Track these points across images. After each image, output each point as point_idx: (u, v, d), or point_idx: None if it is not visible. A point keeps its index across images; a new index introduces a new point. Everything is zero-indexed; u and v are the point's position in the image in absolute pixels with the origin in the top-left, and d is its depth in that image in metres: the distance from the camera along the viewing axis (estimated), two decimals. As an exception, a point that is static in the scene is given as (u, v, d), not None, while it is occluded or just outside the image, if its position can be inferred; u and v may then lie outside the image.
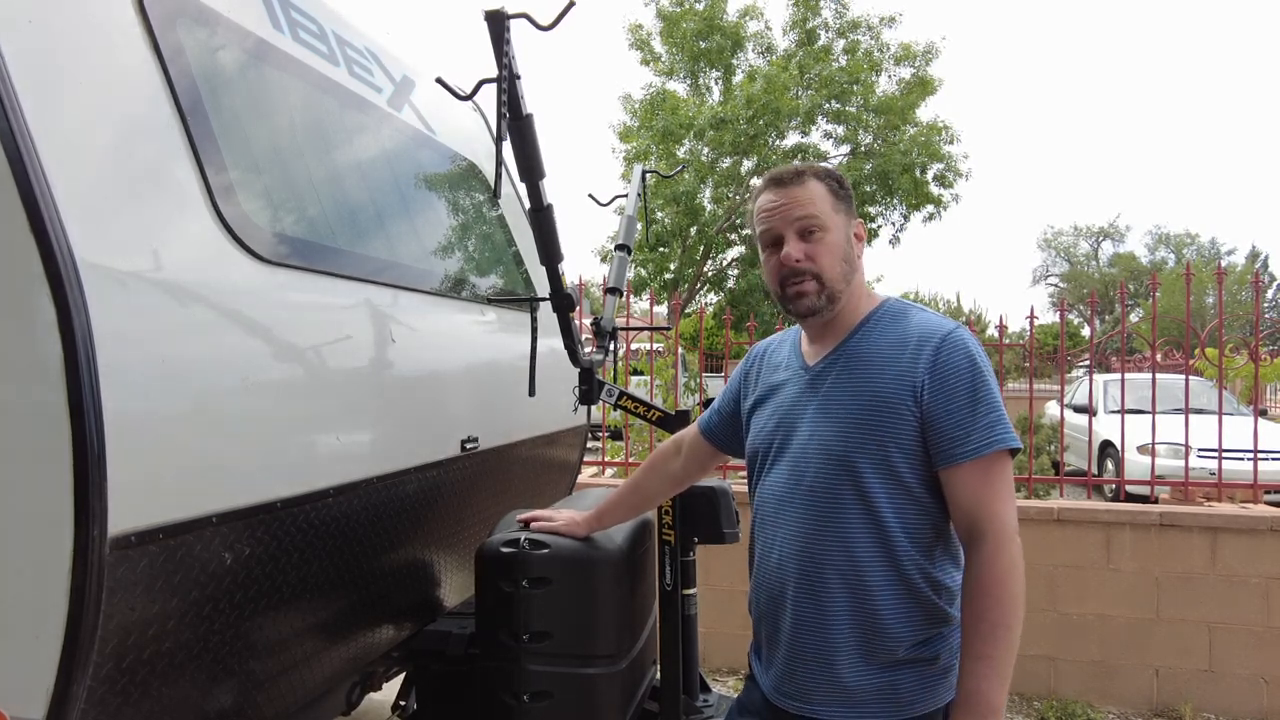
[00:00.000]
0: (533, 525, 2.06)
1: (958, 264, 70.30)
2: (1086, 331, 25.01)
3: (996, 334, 4.85)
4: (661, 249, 15.41)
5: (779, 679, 1.53)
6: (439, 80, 1.99)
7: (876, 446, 1.41)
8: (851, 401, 1.45)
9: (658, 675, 2.45)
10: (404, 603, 2.25)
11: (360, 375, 1.90)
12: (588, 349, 2.56)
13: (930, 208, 15.76)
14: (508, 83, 1.88)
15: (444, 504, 2.28)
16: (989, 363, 1.44)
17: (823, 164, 1.68)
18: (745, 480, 1.71)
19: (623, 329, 3.06)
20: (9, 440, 1.20)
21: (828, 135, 15.92)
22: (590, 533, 2.02)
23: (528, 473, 2.89)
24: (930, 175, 15.55)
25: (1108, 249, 44.41)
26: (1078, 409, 10.18)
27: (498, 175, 1.86)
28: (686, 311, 14.58)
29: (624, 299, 4.46)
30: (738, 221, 15.78)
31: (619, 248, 2.91)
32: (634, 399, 2.55)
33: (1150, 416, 4.27)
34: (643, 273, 15.53)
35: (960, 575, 1.43)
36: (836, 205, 1.51)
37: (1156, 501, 4.57)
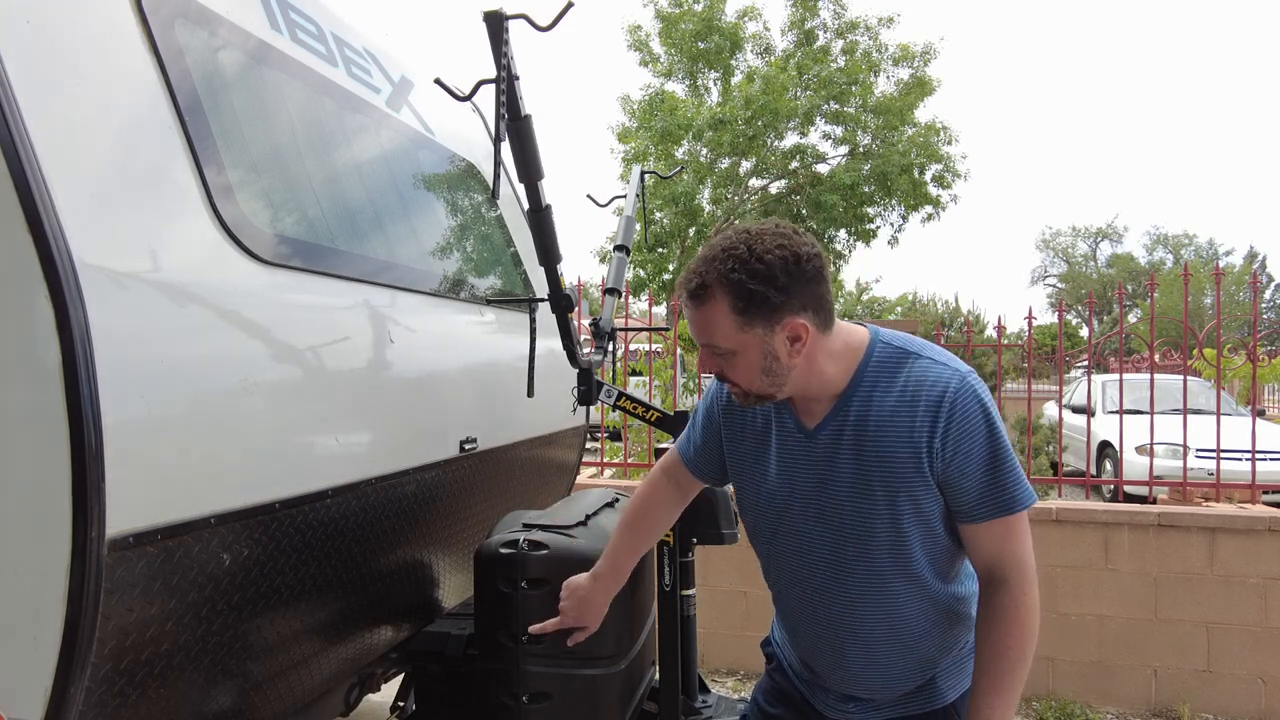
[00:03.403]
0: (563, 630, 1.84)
1: (956, 264, 70.34)
2: (1085, 332, 25.06)
3: (995, 334, 4.86)
4: (660, 250, 15.41)
5: (830, 704, 1.58)
6: (437, 81, 2.00)
7: (905, 512, 1.37)
8: (868, 472, 1.37)
9: (656, 676, 2.45)
10: (402, 604, 2.25)
11: (359, 376, 1.90)
12: (586, 350, 2.56)
13: (929, 208, 15.78)
14: (506, 83, 1.88)
15: (442, 505, 2.28)
16: (995, 407, 1.37)
17: (751, 252, 1.28)
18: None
19: (621, 329, 3.06)
20: (7, 441, 1.20)
21: (826, 136, 15.93)
22: (612, 591, 1.78)
23: (526, 473, 2.89)
24: (929, 176, 15.56)
25: (1106, 249, 44.52)
26: (1076, 409, 10.19)
27: (496, 176, 1.86)
28: (685, 312, 14.53)
29: (623, 299, 4.47)
30: (736, 222, 15.78)
31: (618, 248, 2.91)
32: (633, 400, 2.55)
33: (1148, 417, 4.28)
34: (641, 273, 15.53)
35: (974, 576, 1.47)
36: (745, 323, 1.29)
37: (1155, 502, 4.58)
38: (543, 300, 2.43)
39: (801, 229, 1.36)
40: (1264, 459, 4.60)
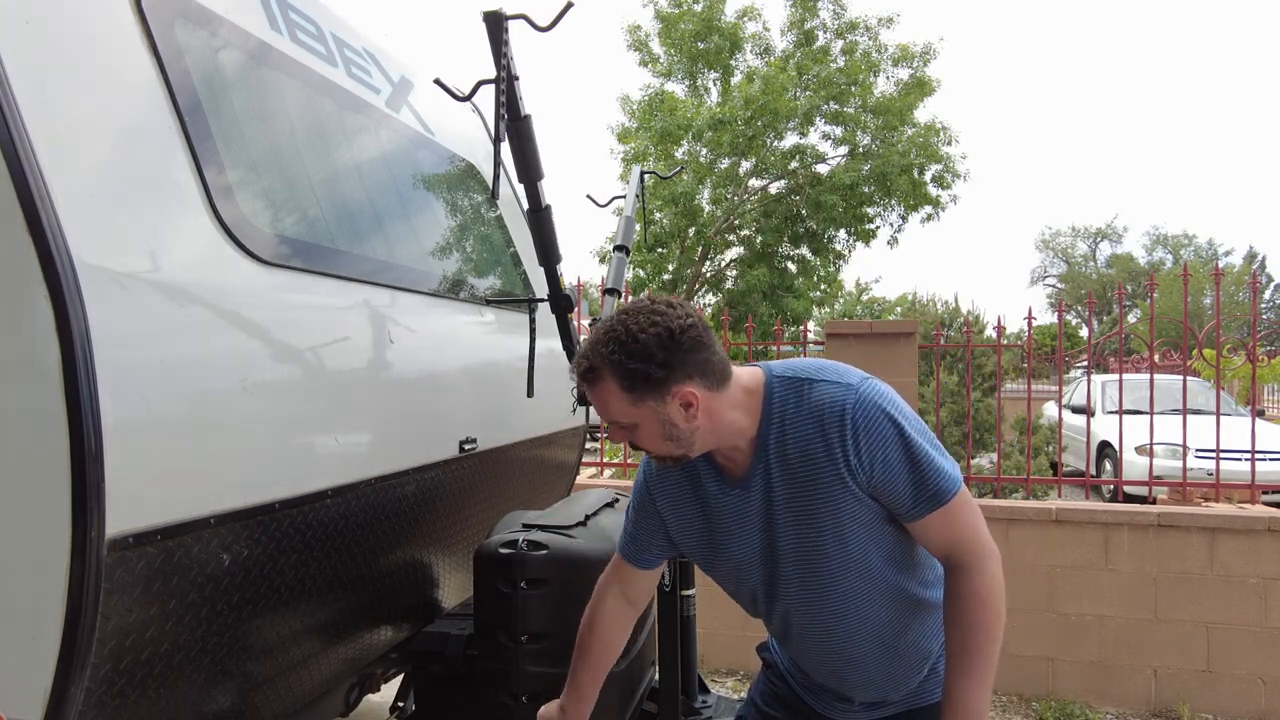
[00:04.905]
0: None
1: (956, 264, 70.20)
2: (1084, 332, 25.07)
3: (994, 334, 4.86)
4: (660, 250, 15.40)
5: (829, 704, 1.60)
6: (437, 81, 2.00)
7: (849, 530, 1.39)
8: (804, 503, 1.40)
9: (656, 676, 2.45)
10: (402, 604, 2.25)
11: (359, 376, 1.90)
12: (586, 350, 2.55)
13: (928, 208, 15.77)
14: (506, 84, 1.88)
15: (442, 505, 2.28)
16: (901, 403, 1.39)
17: (631, 332, 1.32)
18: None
19: (621, 330, 3.05)
20: (7, 442, 1.20)
21: (826, 136, 15.90)
22: (584, 717, 1.68)
23: (526, 474, 2.89)
24: (928, 176, 15.55)
25: (1105, 249, 44.50)
26: (1076, 410, 10.19)
27: (496, 176, 1.86)
28: (685, 312, 14.47)
29: (622, 300, 4.46)
30: (736, 222, 15.77)
31: (617, 249, 2.91)
32: (632, 400, 2.54)
33: (1148, 417, 4.28)
34: (641, 274, 15.52)
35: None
36: (637, 399, 1.34)
37: (1154, 502, 4.58)
38: (542, 300, 2.43)
39: (680, 300, 1.39)
40: (1264, 459, 4.61)
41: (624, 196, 3.15)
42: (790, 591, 1.47)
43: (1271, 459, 6.01)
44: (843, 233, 16.00)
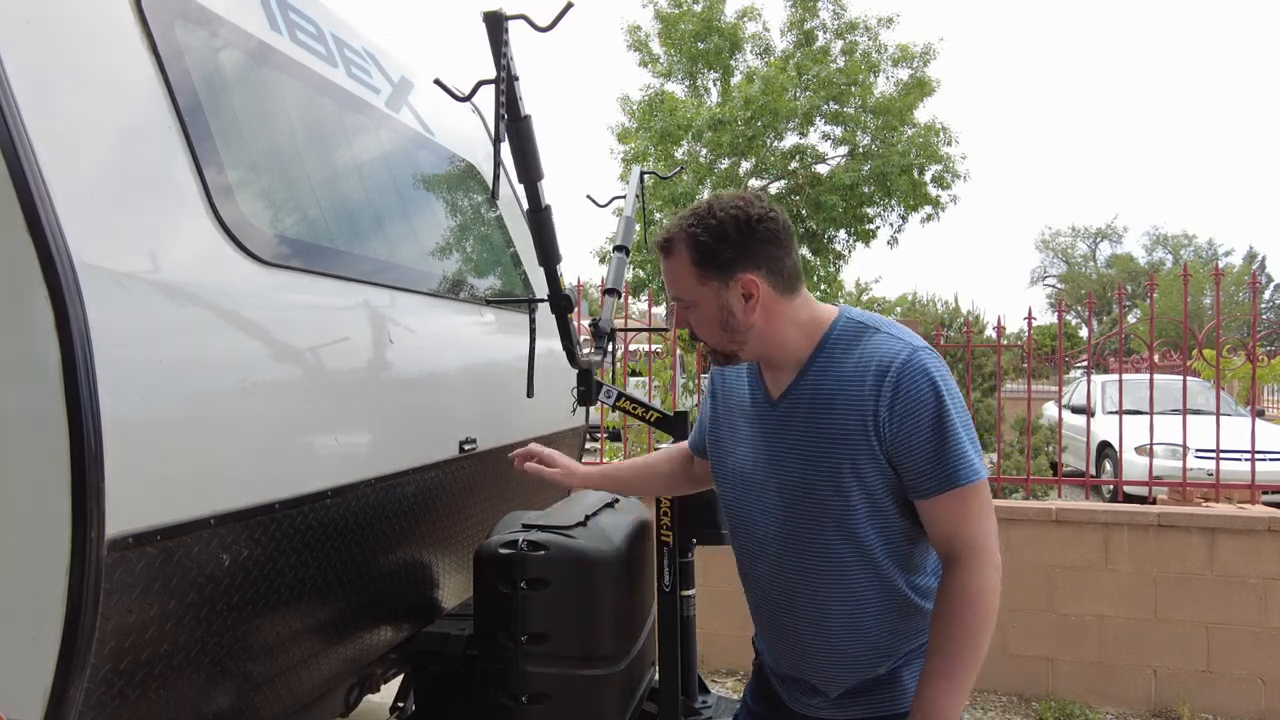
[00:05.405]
0: (527, 466, 1.94)
1: (956, 265, 70.29)
2: (1084, 332, 25.05)
3: (995, 335, 4.86)
4: (660, 250, 15.40)
5: (798, 699, 1.57)
6: (437, 81, 2.00)
7: (851, 483, 1.38)
8: (819, 440, 1.40)
9: (656, 676, 2.45)
10: (402, 604, 2.25)
11: (358, 376, 1.90)
12: (586, 350, 2.56)
13: (928, 209, 15.78)
14: (506, 84, 1.88)
15: (442, 505, 2.28)
16: (951, 382, 1.38)
17: (716, 207, 1.40)
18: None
19: (621, 330, 3.06)
20: (7, 442, 1.20)
21: (826, 136, 15.92)
22: (584, 485, 1.95)
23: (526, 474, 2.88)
24: (928, 176, 15.56)
25: (1105, 250, 44.54)
26: (1076, 410, 10.19)
27: (496, 176, 1.86)
28: (685, 312, 14.46)
29: (622, 300, 4.47)
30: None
31: (617, 249, 2.91)
32: (632, 400, 2.55)
33: (1148, 417, 4.28)
34: (641, 274, 15.53)
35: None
36: (702, 275, 1.40)
37: (1154, 502, 4.57)
38: (542, 301, 2.43)
39: (766, 199, 1.45)
40: (1263, 459, 4.60)
41: (624, 197, 3.15)
42: (774, 522, 1.47)
43: (1271, 459, 6.00)
44: (843, 233, 16.00)
